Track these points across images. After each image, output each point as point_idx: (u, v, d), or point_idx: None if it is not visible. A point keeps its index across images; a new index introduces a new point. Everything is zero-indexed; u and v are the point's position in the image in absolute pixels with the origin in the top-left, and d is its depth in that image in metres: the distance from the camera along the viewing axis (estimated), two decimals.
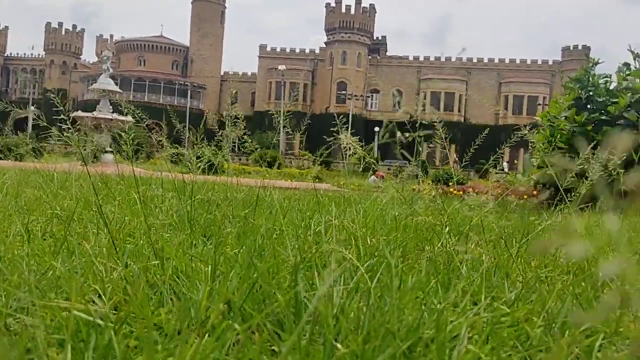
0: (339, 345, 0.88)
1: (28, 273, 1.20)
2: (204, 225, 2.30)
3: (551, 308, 1.11)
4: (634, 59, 6.50)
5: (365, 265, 1.49)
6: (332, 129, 2.84)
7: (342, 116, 3.14)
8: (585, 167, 1.96)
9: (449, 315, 1.10)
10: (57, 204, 3.00)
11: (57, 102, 1.89)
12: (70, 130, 2.38)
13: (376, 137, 50.05)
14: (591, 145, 1.88)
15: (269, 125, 62.80)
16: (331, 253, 1.46)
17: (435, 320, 0.95)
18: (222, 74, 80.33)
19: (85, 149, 5.08)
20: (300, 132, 61.55)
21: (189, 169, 4.31)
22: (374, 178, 12.55)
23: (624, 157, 2.40)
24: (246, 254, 1.48)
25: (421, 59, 74.93)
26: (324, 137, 2.98)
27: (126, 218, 2.43)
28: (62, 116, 1.93)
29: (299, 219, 2.68)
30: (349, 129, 2.81)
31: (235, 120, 3.61)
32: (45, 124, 2.09)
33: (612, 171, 1.65)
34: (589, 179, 1.87)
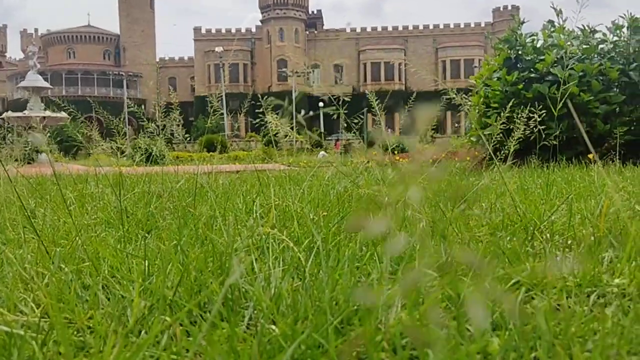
0: (273, 327, 0.88)
1: None
2: (143, 220, 2.24)
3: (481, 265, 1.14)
4: (557, 15, 6.72)
5: (303, 245, 1.50)
6: (272, 107, 2.80)
7: (282, 95, 3.10)
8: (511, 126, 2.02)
9: (384, 284, 1.12)
10: None
11: None
12: None
13: (321, 112, 50.01)
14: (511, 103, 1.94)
15: (212, 109, 61.67)
16: (268, 236, 1.45)
17: (365, 291, 0.97)
18: (157, 60, 77.99)
19: (15, 150, 4.84)
20: (243, 114, 60.89)
21: (133, 160, 4.17)
22: (323, 153, 12.61)
23: (544, 113, 2.51)
24: (183, 246, 1.46)
25: (358, 30, 75.05)
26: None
27: (61, 219, 2.34)
28: None
29: (242, 203, 2.66)
30: (294, 106, 2.79)
31: (169, 107, 3.52)
32: None
33: (534, 128, 1.72)
34: (514, 136, 1.93)
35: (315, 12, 78.25)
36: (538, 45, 7.02)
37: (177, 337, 0.78)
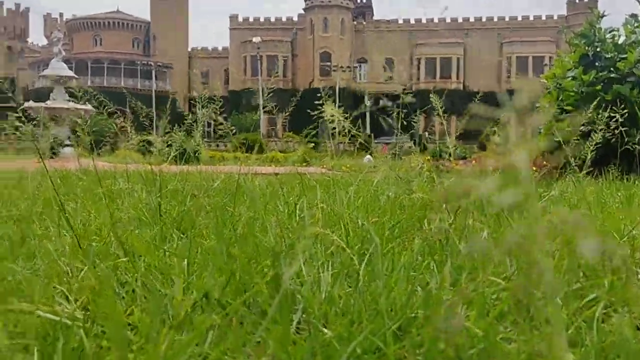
0: (325, 330, 0.92)
1: None
2: (178, 219, 2.33)
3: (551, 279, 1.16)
4: None
5: (354, 249, 1.53)
6: (316, 102, 2.85)
7: (328, 88, 3.16)
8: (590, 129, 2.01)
9: (445, 293, 1.14)
10: (13, 204, 3.01)
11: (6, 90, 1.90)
12: (22, 123, 2.39)
13: (367, 113, 49.98)
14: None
15: (247, 105, 62.28)
16: (316, 238, 1.50)
17: (425, 298, 1.00)
18: (189, 50, 79.59)
19: (40, 143, 5.08)
20: (286, 113, 61.30)
21: (164, 158, 4.30)
22: (369, 157, 12.61)
23: (626, 114, 2.48)
24: (224, 245, 1.52)
25: (412, 21, 74.75)
26: (310, 113, 3.00)
27: (91, 215, 2.45)
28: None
29: (283, 204, 2.72)
30: (336, 103, 2.84)
31: (211, 100, 3.62)
32: None
33: (615, 130, 1.71)
34: (592, 141, 1.92)
35: (364, 0, 78.49)
36: (619, 42, 6.86)
37: (233, 329, 0.83)
